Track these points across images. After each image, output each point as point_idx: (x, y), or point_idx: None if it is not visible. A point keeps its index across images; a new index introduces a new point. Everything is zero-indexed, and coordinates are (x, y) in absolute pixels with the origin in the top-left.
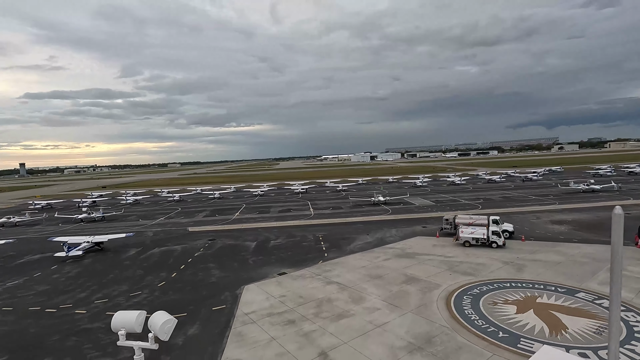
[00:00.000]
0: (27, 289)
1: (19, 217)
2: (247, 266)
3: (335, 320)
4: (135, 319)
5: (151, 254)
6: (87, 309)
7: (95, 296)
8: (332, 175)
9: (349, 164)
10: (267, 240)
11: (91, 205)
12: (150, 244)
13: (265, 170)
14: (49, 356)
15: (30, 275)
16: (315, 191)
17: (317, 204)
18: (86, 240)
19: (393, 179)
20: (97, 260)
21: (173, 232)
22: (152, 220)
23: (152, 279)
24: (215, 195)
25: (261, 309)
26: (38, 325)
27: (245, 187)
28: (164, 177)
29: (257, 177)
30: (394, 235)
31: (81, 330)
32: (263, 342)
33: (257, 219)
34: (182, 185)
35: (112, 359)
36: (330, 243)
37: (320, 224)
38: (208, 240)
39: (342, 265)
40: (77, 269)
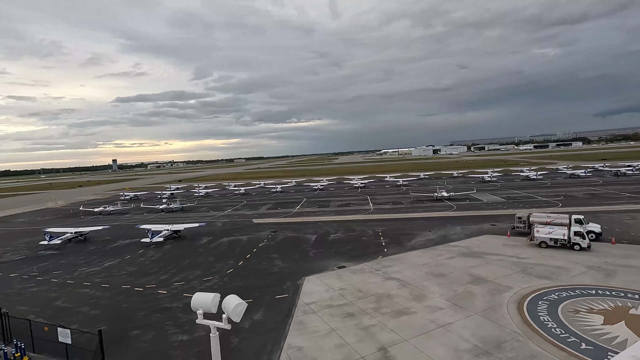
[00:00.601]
0: (120, 270)
1: (112, 206)
2: (307, 258)
3: (395, 316)
4: (211, 301)
5: (220, 243)
6: (168, 290)
7: (174, 279)
8: (391, 170)
9: (410, 158)
10: (327, 233)
11: (169, 197)
12: (219, 233)
13: (325, 164)
14: (137, 329)
15: (122, 258)
16: (374, 186)
17: (377, 198)
18: (166, 228)
19: (458, 174)
20: (175, 246)
21: (239, 223)
22: (221, 212)
23: (222, 265)
24: (278, 189)
25: (321, 300)
26: (128, 302)
27: (305, 182)
28: (231, 172)
29: (317, 172)
30: (459, 233)
31: (163, 308)
32: (323, 332)
33: (317, 213)
34: (247, 179)
35: (188, 336)
36: (389, 238)
37: (379, 219)
38: (271, 232)
39: (402, 261)
40: (159, 253)
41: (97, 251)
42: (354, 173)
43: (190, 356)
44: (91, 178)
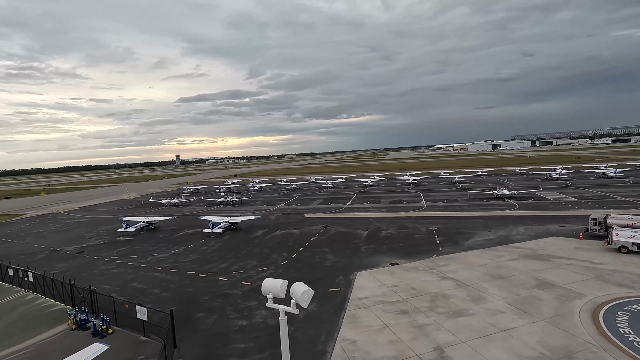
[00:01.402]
0: (185, 257)
1: (177, 199)
2: (359, 253)
3: (452, 317)
4: (280, 286)
5: (274, 236)
6: (228, 278)
7: (233, 267)
8: (446, 166)
9: (466, 154)
10: (378, 229)
11: (227, 191)
12: (273, 226)
13: (375, 160)
14: (202, 311)
15: (187, 246)
16: (427, 182)
17: (430, 195)
18: (225, 220)
19: (521, 171)
20: (233, 237)
21: (292, 217)
22: (274, 206)
23: (276, 257)
24: (328, 185)
25: (373, 295)
26: (194, 286)
27: (355, 177)
28: (282, 167)
29: (367, 168)
30: (522, 233)
31: (224, 294)
32: (376, 327)
33: (368, 209)
34: (298, 174)
35: (247, 322)
36: (444, 237)
37: (433, 217)
38: (322, 227)
39: (458, 261)
40: (219, 243)
41: (166, 239)
42: (406, 169)
43: (249, 340)
44: (158, 172)
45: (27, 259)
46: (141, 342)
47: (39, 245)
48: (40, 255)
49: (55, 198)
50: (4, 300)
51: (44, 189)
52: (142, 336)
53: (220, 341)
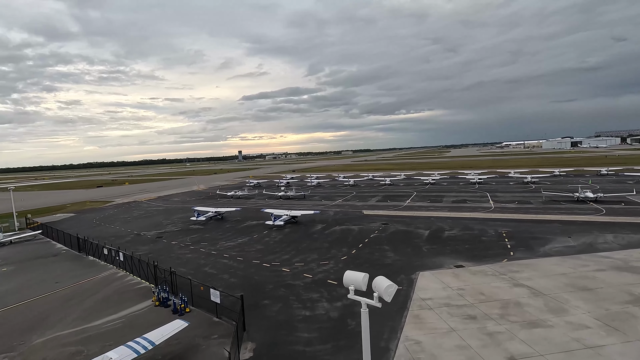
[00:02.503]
0: (250, 246)
1: (240, 191)
2: (420, 253)
3: (527, 327)
4: (362, 279)
5: (333, 231)
6: (290, 269)
7: (295, 259)
8: (516, 165)
9: (539, 152)
10: (441, 230)
11: (287, 186)
12: (332, 222)
13: (435, 157)
14: (267, 299)
15: (251, 236)
16: (494, 182)
17: (498, 196)
18: (286, 214)
19: (608, 171)
20: (293, 230)
21: (350, 213)
22: (332, 202)
23: (336, 252)
24: (386, 182)
25: (437, 297)
26: (259, 275)
27: (415, 175)
28: (339, 164)
29: (427, 165)
30: (610, 242)
31: (287, 284)
32: (442, 330)
33: (429, 208)
34: (355, 171)
35: (310, 312)
36: (516, 241)
37: (502, 219)
38: (381, 224)
39: (533, 268)
40: (280, 235)
41: (232, 229)
42: (470, 167)
43: (313, 331)
44: (222, 167)
45: (117, 240)
46: (214, 322)
47: (125, 229)
48: (127, 238)
49: (136, 188)
50: (101, 276)
51: (127, 179)
52: (214, 317)
53: (285, 329)
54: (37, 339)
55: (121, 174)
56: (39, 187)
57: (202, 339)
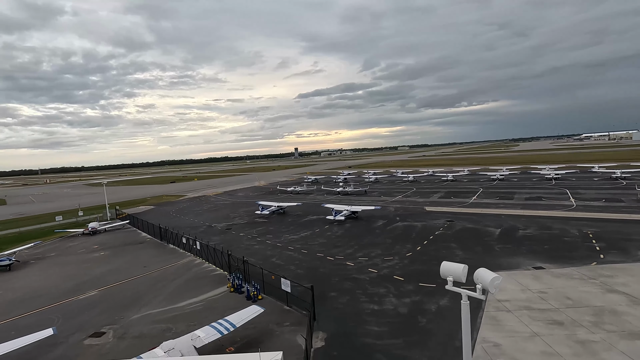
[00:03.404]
0: (313, 240)
1: (300, 187)
2: (492, 252)
3: (628, 338)
4: (461, 271)
5: (395, 227)
6: (354, 263)
7: (358, 254)
8: (600, 159)
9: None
10: (514, 228)
11: (345, 182)
12: (393, 217)
13: (502, 152)
14: (334, 291)
15: (313, 230)
16: (574, 177)
17: (580, 193)
18: (346, 209)
19: None
20: (354, 225)
21: (411, 209)
22: (391, 197)
23: (400, 248)
24: (449, 178)
25: (516, 299)
26: (324, 267)
27: (480, 170)
28: (395, 159)
29: (493, 160)
30: None
31: (352, 278)
32: (524, 334)
33: (499, 205)
34: (413, 166)
35: (378, 306)
36: (606, 242)
37: (586, 218)
38: (446, 221)
39: (629, 273)
40: (342, 230)
41: (294, 223)
42: (544, 162)
43: (382, 325)
44: (280, 163)
45: (192, 231)
46: (285, 310)
47: (198, 220)
48: (201, 229)
49: (204, 183)
50: (181, 262)
51: (195, 175)
52: (285, 305)
53: (354, 321)
54: (133, 315)
55: (190, 171)
56: (123, 183)
57: (276, 325)
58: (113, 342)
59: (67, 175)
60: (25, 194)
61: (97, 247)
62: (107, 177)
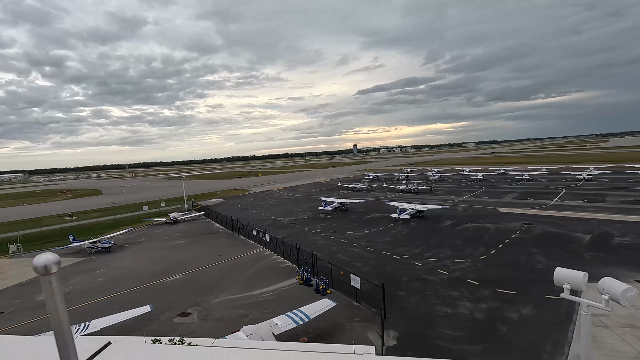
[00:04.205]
0: (378, 238)
1: (361, 184)
2: (582, 260)
3: None
4: (582, 278)
5: (465, 228)
6: (422, 263)
7: (426, 254)
8: None
9: None
10: (608, 235)
11: (407, 179)
12: (462, 218)
13: (587, 149)
14: (403, 291)
15: (377, 228)
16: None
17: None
18: (411, 207)
19: None
20: (420, 225)
21: (481, 210)
22: (458, 197)
23: (472, 250)
24: (524, 177)
25: (615, 315)
26: (390, 266)
27: (561, 169)
28: (461, 157)
29: (577, 158)
30: None
31: (421, 278)
32: (628, 354)
33: (587, 208)
34: (481, 164)
35: (451, 310)
36: None
37: None
38: (524, 224)
39: None
40: (407, 229)
41: (357, 220)
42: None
43: (457, 329)
44: (339, 160)
45: (259, 224)
46: (354, 306)
47: (265, 214)
48: (267, 222)
49: (267, 179)
50: (252, 253)
51: (259, 171)
52: (354, 301)
53: (426, 322)
54: (213, 299)
55: (253, 167)
56: (195, 177)
57: (346, 320)
58: (198, 323)
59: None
60: (116, 186)
61: (178, 235)
62: (181, 171)
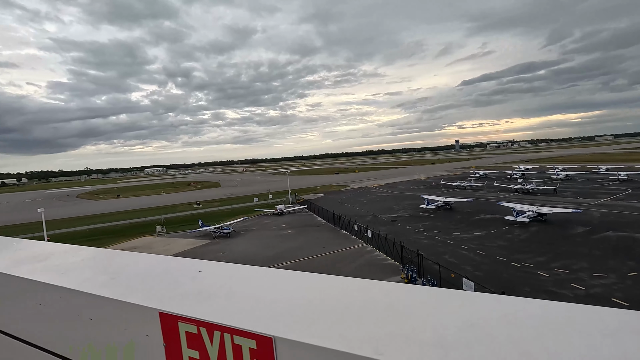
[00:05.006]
0: (490, 241)
1: (467, 182)
2: None
3: None
4: None
5: (605, 237)
6: (549, 274)
7: (553, 264)
8: None
9: None
10: None
11: (524, 178)
12: (599, 225)
13: None
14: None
15: (489, 231)
16: None
17: None
18: (531, 210)
19: None
20: (544, 230)
21: (628, 217)
22: (593, 200)
23: (617, 264)
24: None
25: None
26: (507, 273)
27: None
28: (593, 152)
29: None
30: None
31: (548, 290)
32: None
33: None
34: (624, 161)
35: None
36: None
37: None
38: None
39: None
40: (526, 234)
41: (464, 220)
42: None
43: None
44: (439, 156)
45: (359, 219)
46: None
47: (364, 210)
48: (367, 218)
49: (364, 175)
50: (354, 247)
51: (356, 167)
52: None
53: None
54: None
55: (350, 163)
56: (296, 173)
57: None
58: None
59: (256, 165)
60: (231, 179)
61: (285, 226)
62: (284, 167)
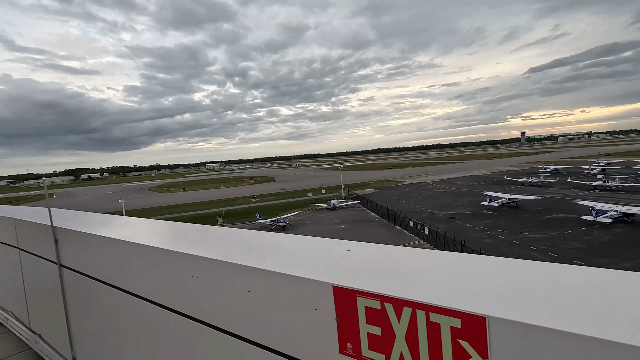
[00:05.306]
0: (564, 243)
1: (535, 178)
2: None
3: None
4: None
5: None
6: None
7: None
8: None
9: None
10: None
11: (603, 173)
12: None
13: None
14: None
15: (562, 231)
16: None
17: None
18: (613, 209)
19: None
20: (629, 232)
21: None
22: None
23: None
24: None
25: None
26: None
27: None
28: None
29: None
30: None
31: None
32: None
33: None
34: None
35: None
36: None
37: None
38: None
39: None
40: (607, 236)
41: (532, 219)
42: None
43: None
44: (502, 151)
45: (414, 216)
46: None
47: (419, 206)
48: (423, 215)
49: (419, 171)
50: (411, 244)
51: (410, 162)
52: None
53: None
54: None
55: (403, 158)
56: (349, 168)
57: None
58: None
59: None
60: (285, 174)
61: (338, 221)
62: (336, 162)
